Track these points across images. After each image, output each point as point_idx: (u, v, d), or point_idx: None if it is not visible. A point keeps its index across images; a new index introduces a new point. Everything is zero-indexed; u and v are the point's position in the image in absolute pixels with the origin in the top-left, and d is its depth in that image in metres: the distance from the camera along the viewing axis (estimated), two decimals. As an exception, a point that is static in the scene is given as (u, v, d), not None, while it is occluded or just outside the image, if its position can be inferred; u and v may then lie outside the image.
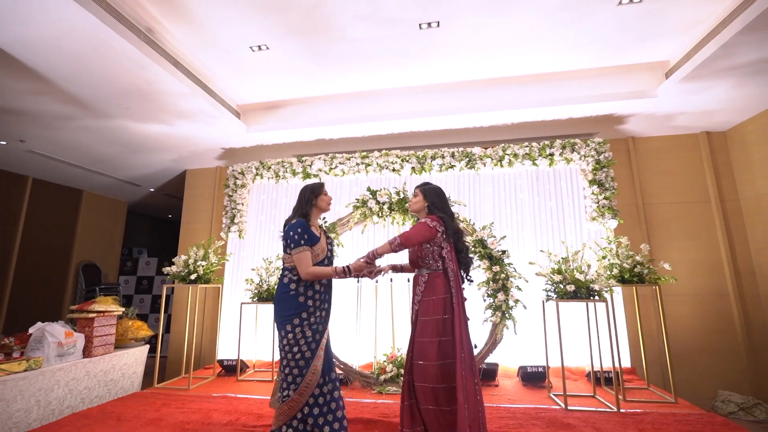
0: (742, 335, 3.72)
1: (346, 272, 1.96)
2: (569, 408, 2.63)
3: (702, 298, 3.90)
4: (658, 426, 2.26)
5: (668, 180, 4.18)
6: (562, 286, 2.79)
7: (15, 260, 5.26)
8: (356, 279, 2.22)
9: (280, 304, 1.93)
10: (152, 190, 6.47)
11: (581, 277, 2.78)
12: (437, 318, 2.00)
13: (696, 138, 4.20)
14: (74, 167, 5.14)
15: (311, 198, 2.09)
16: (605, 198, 3.70)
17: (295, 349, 1.85)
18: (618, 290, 3.70)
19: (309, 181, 4.40)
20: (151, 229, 9.24)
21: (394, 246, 2.03)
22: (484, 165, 4.00)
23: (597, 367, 3.12)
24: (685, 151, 4.20)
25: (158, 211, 8.46)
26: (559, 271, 2.84)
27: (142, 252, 8.46)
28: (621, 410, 2.57)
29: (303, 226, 1.98)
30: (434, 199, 2.19)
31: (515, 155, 3.94)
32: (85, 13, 2.36)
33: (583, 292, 2.77)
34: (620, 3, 2.70)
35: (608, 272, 2.99)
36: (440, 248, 2.07)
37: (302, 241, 1.92)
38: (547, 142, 3.94)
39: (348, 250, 3.98)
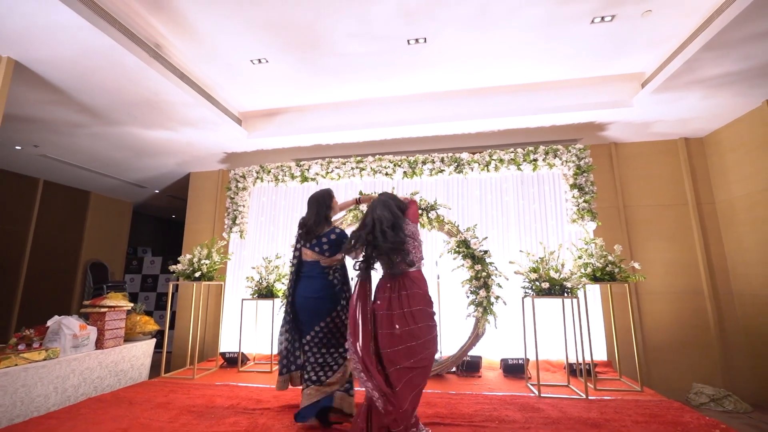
0: (716, 331, 3.94)
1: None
2: (542, 395, 2.86)
3: (679, 295, 4.12)
4: (619, 410, 2.49)
5: (648, 184, 4.39)
6: (538, 284, 3.02)
7: (27, 258, 5.52)
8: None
9: (330, 298, 2.40)
10: (157, 191, 6.72)
11: (556, 276, 3.01)
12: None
13: (675, 144, 4.41)
14: (83, 170, 5.40)
15: (329, 202, 2.56)
16: (585, 201, 3.92)
17: (342, 328, 2.37)
18: (596, 288, 3.93)
19: (309, 185, 4.67)
20: (155, 229, 9.49)
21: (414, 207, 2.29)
22: (472, 170, 4.22)
23: (574, 360, 3.34)
24: (665, 157, 4.41)
25: (162, 211, 8.72)
26: (536, 270, 3.07)
27: (147, 251, 8.72)
28: (590, 397, 2.80)
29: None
30: None
31: (501, 160, 4.16)
32: (101, 34, 2.60)
33: (557, 289, 2.99)
34: (593, 21, 2.92)
35: (582, 271, 3.21)
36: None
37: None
38: (531, 148, 4.17)
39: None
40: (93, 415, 2.45)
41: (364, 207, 3.83)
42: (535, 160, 4.11)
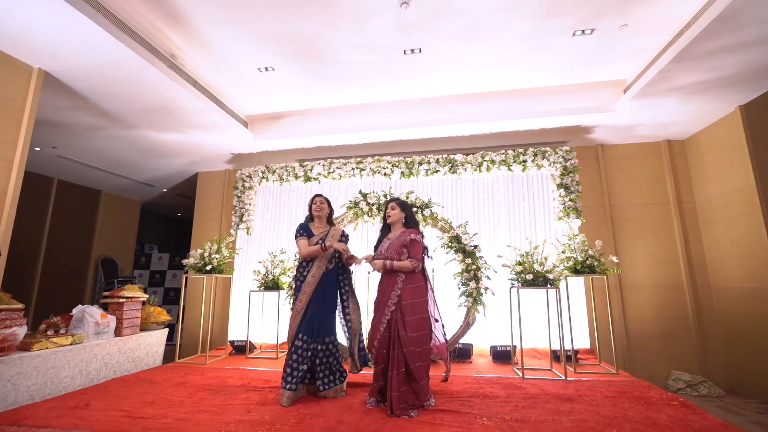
0: (694, 322, 4.19)
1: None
2: (526, 377, 3.12)
3: (660, 289, 4.38)
4: (592, 388, 2.76)
5: (633, 183, 4.64)
6: (523, 276, 3.28)
7: (43, 254, 5.80)
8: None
9: None
10: (165, 190, 6.98)
11: (539, 268, 3.27)
12: (421, 300, 2.51)
13: (658, 146, 4.66)
14: (96, 170, 5.67)
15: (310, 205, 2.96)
16: (570, 200, 4.18)
17: None
18: (580, 280, 4.19)
19: (312, 184, 4.93)
20: (161, 226, 9.77)
21: (417, 268, 2.49)
22: (465, 170, 4.48)
23: (559, 347, 3.59)
24: (649, 158, 4.66)
25: (169, 209, 8.98)
26: (521, 263, 3.33)
27: (153, 248, 8.99)
28: (568, 378, 3.06)
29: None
30: (409, 212, 2.70)
31: (493, 161, 4.42)
32: (123, 47, 2.86)
33: (540, 281, 3.25)
34: (574, 34, 3.17)
35: (564, 264, 3.47)
36: None
37: None
38: (521, 150, 4.43)
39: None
40: (119, 392, 2.73)
41: (363, 205, 4.09)
42: (525, 161, 4.37)
